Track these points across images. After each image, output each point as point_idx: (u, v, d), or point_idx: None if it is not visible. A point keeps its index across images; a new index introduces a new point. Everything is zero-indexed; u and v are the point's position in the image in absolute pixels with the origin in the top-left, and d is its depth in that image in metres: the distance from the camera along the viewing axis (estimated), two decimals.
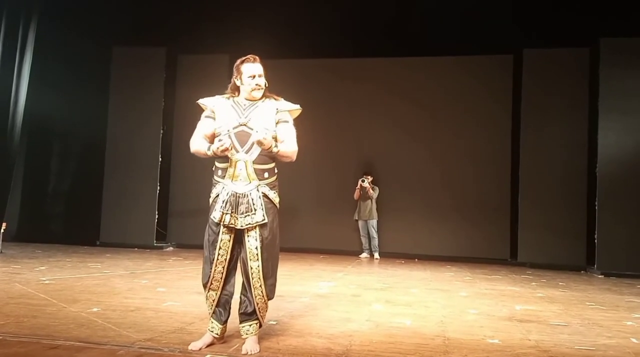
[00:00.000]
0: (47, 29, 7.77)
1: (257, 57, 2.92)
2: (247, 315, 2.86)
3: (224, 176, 2.84)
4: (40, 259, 6.48)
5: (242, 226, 2.79)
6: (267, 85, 2.93)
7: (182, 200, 8.96)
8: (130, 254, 7.50)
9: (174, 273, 5.80)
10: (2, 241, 7.03)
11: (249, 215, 2.78)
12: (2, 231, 7.01)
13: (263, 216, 2.79)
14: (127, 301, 4.03)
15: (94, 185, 8.82)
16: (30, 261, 6.26)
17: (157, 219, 8.63)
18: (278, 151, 2.81)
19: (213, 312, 2.89)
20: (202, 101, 3.01)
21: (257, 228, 2.81)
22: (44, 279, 4.95)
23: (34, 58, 7.37)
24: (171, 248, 8.71)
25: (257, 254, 2.81)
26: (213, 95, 3.07)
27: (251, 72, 2.87)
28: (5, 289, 4.31)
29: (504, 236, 8.35)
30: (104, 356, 2.62)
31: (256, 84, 2.88)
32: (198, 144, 2.90)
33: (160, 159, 8.69)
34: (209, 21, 8.61)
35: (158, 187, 8.64)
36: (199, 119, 2.99)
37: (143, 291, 4.56)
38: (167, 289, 4.70)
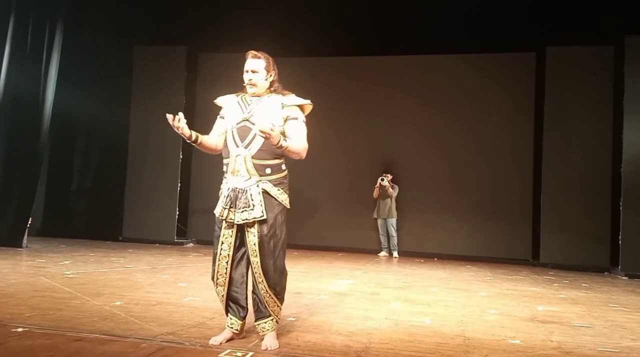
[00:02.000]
0: (71, 29, 7.91)
1: (257, 53, 2.89)
2: (260, 312, 2.87)
3: (227, 171, 2.87)
4: (65, 254, 6.61)
5: (238, 221, 2.79)
6: (272, 80, 2.91)
7: (203, 196, 9.04)
8: (151, 250, 7.61)
9: (195, 269, 5.86)
10: (28, 235, 7.19)
11: (246, 210, 2.77)
12: (27, 225, 7.18)
13: (262, 212, 2.76)
14: (149, 295, 4.09)
15: (116, 181, 8.96)
16: (55, 255, 6.39)
17: (178, 215, 8.73)
18: (287, 147, 2.73)
19: (229, 308, 2.90)
20: (216, 101, 3.08)
21: (256, 224, 2.79)
22: (68, 273, 5.05)
23: (59, 58, 7.50)
24: (191, 244, 8.80)
25: (255, 250, 2.80)
26: (233, 92, 3.09)
27: (246, 67, 2.89)
28: (31, 282, 4.41)
29: (525, 236, 8.24)
30: (127, 349, 2.66)
31: (248, 79, 2.88)
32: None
33: (181, 155, 8.78)
34: (230, 19, 8.66)
35: (179, 184, 8.74)
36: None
37: (164, 285, 4.62)
38: (187, 284, 4.76)
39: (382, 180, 8.30)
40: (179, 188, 8.73)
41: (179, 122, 2.81)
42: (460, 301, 4.51)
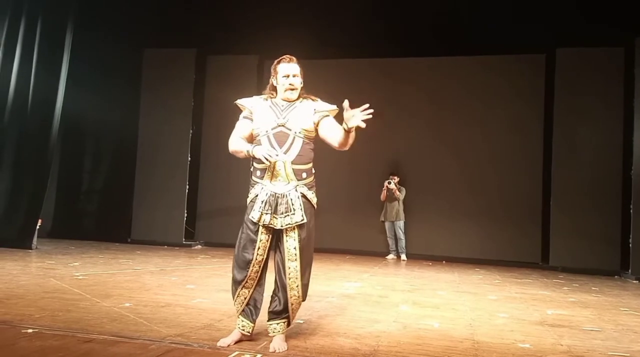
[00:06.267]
0: (81, 32, 7.98)
1: (292, 57, 2.92)
2: (276, 314, 2.88)
3: (263, 177, 2.85)
4: (74, 255, 6.65)
5: (282, 226, 2.80)
6: (302, 85, 2.93)
7: (210, 199, 9.07)
8: (159, 252, 7.64)
9: (203, 271, 5.87)
10: (37, 237, 7.24)
11: (288, 215, 2.79)
12: (37, 227, 7.23)
13: (302, 216, 2.80)
14: (158, 297, 4.11)
15: (125, 184, 9.02)
16: (64, 257, 6.44)
17: (186, 217, 8.77)
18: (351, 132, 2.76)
19: (242, 311, 2.90)
20: (240, 101, 3.02)
21: (296, 228, 2.81)
22: (77, 274, 5.08)
23: (69, 60, 7.56)
24: (199, 246, 8.83)
25: (295, 255, 2.82)
26: (243, 95, 3.10)
27: (285, 71, 2.88)
28: (41, 284, 4.44)
29: (535, 239, 8.18)
30: (135, 350, 2.67)
31: (289, 84, 2.87)
32: (237, 144, 2.90)
33: (189, 158, 8.82)
34: (239, 22, 8.70)
35: (187, 186, 8.78)
36: (237, 119, 3.01)
37: (173, 287, 4.63)
38: (196, 286, 4.77)
39: (389, 183, 8.29)
40: (187, 190, 8.77)
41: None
42: (469, 304, 4.49)
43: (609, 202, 7.61)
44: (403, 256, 8.37)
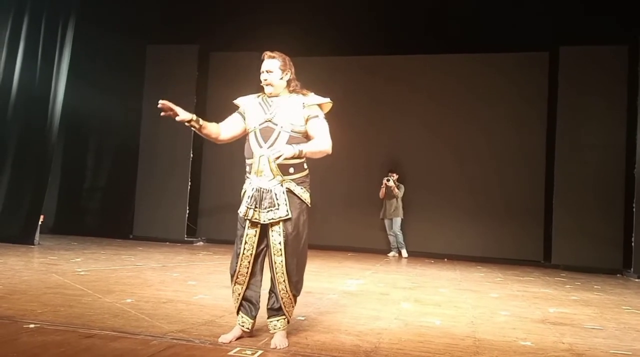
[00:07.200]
0: (84, 28, 7.98)
1: (271, 53, 2.92)
2: (275, 310, 2.88)
3: (251, 172, 2.88)
4: (76, 251, 6.67)
5: (264, 221, 2.81)
6: (289, 79, 2.92)
7: (213, 196, 9.08)
8: (161, 248, 7.65)
9: (204, 267, 5.88)
10: (40, 233, 7.25)
11: (271, 210, 2.79)
12: (39, 223, 7.24)
13: (287, 211, 2.79)
14: (159, 293, 4.12)
15: (127, 180, 9.03)
16: (67, 253, 6.45)
17: (188, 214, 8.77)
18: (302, 152, 2.77)
19: (241, 306, 2.91)
20: (235, 101, 3.08)
21: (281, 223, 2.81)
22: (79, 270, 5.09)
23: (71, 56, 7.57)
24: (201, 243, 8.84)
25: (280, 249, 2.82)
26: (245, 91, 3.12)
27: (262, 68, 2.92)
28: (43, 279, 4.45)
29: (537, 237, 8.17)
30: (137, 346, 2.68)
31: (264, 80, 2.91)
32: None
33: (191, 155, 8.82)
34: (241, 19, 8.68)
35: (189, 183, 8.78)
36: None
37: (174, 283, 4.64)
38: (197, 282, 4.78)
39: (388, 181, 8.27)
40: (189, 187, 8.78)
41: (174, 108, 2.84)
42: (470, 302, 4.49)
43: (611, 201, 7.60)
44: (404, 252, 8.35)
